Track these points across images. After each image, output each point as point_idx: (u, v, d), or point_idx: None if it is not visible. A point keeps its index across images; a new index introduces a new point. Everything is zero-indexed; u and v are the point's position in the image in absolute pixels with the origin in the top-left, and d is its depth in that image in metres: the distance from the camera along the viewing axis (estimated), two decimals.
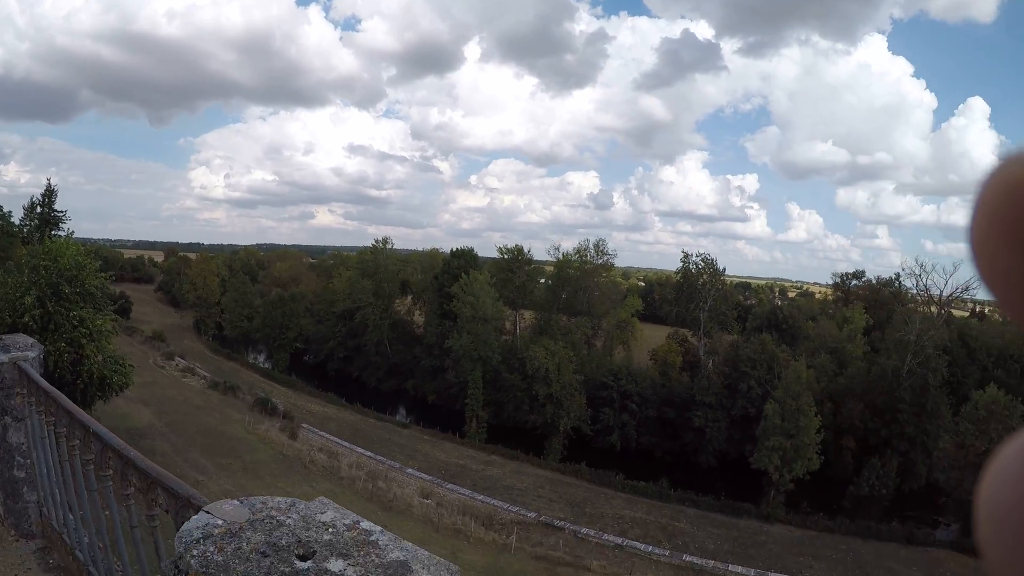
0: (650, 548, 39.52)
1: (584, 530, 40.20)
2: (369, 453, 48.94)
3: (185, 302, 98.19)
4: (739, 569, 38.47)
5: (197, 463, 37.48)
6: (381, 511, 37.09)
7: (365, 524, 2.48)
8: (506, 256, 75.24)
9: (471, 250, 76.39)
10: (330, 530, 2.38)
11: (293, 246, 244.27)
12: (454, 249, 77.63)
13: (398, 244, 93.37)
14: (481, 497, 43.34)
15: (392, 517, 36.63)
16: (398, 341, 78.05)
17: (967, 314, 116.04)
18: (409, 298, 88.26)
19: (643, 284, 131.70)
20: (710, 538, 44.67)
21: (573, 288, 74.79)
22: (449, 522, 37.48)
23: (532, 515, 41.43)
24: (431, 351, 71.81)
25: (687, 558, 38.75)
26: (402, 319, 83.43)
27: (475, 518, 38.80)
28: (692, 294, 72.46)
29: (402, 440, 55.70)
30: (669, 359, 70.37)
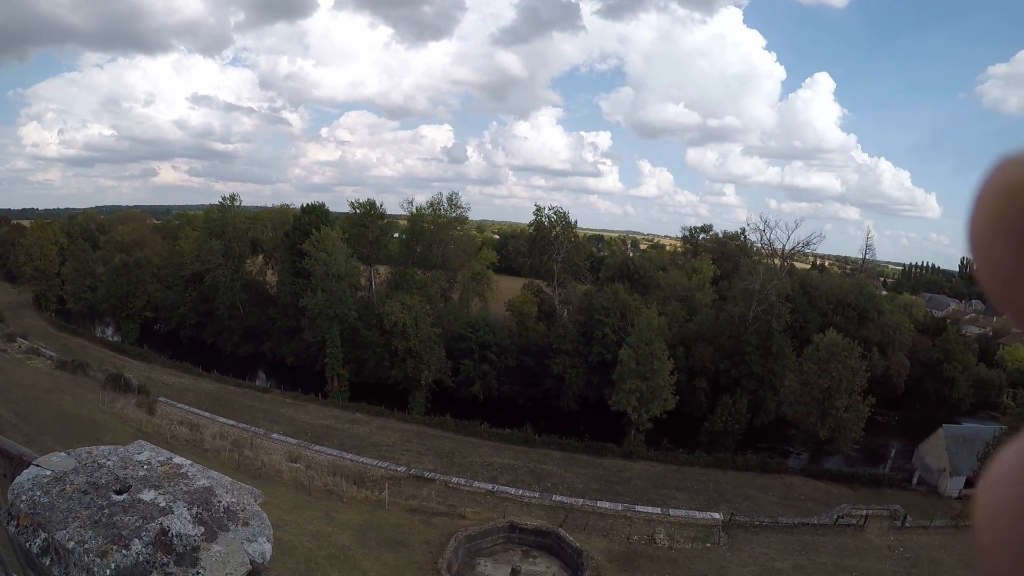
0: (521, 492, 40.45)
1: (455, 479, 40.56)
2: (232, 422, 47.06)
3: (22, 276, 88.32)
4: (607, 505, 39.89)
5: (53, 452, 34.58)
6: (250, 480, 35.62)
7: (177, 460, 2.78)
8: (359, 211, 73.17)
9: (323, 205, 73.51)
10: (145, 467, 2.66)
11: (135, 207, 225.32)
12: (305, 205, 74.65)
13: (247, 201, 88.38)
14: (350, 456, 42.81)
15: (262, 484, 35.15)
16: (251, 303, 75.02)
17: (808, 266, 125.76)
18: (260, 257, 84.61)
19: (497, 237, 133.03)
20: (578, 478, 46.25)
21: (428, 242, 74.20)
22: (320, 484, 36.78)
23: (402, 469, 41.32)
24: (286, 311, 69.67)
25: (557, 498, 39.84)
26: (254, 280, 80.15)
27: (346, 477, 38.24)
28: (545, 246, 73.39)
29: (264, 405, 53.93)
30: (525, 309, 71.58)
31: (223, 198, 78.94)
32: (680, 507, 41.62)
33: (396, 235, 78.64)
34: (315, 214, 70.38)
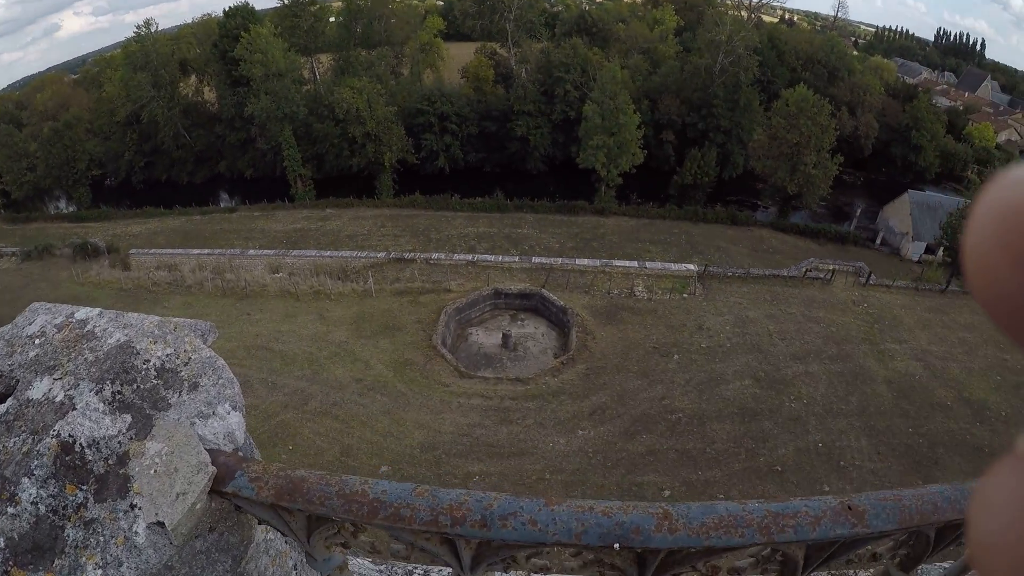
0: (500, 258, 40.96)
1: (435, 255, 40.83)
2: (207, 250, 45.74)
3: None
4: (586, 262, 40.61)
5: None
6: (239, 302, 36.12)
7: (80, 313, 1.83)
8: (286, 1, 67.22)
9: (246, 4, 66.22)
10: (37, 342, 1.74)
11: (49, 70, 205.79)
12: (227, 8, 67.11)
13: (164, 23, 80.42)
14: (328, 253, 42.53)
15: (251, 303, 35.86)
16: (196, 127, 69.88)
17: (776, 20, 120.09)
18: (193, 77, 77.36)
19: (441, 3, 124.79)
20: (553, 238, 47.18)
21: (367, 19, 69.34)
22: (306, 287, 36.86)
23: (382, 255, 41.39)
24: (233, 125, 65.65)
25: (536, 260, 40.46)
26: (193, 102, 73.53)
27: (329, 275, 38.27)
28: (495, 5, 68.81)
29: (234, 226, 52.26)
30: (481, 74, 68.86)
31: (137, 27, 71.37)
32: (655, 260, 42.75)
33: (332, 19, 73.37)
34: (240, 16, 63.84)
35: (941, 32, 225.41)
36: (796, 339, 35.55)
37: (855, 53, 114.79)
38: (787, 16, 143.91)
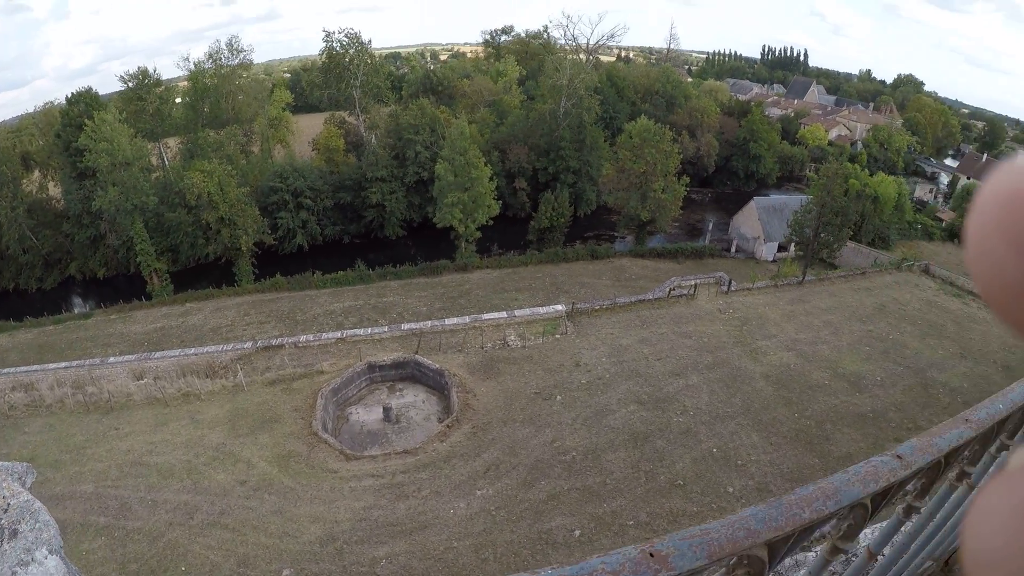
0: (370, 330, 40.46)
1: (303, 338, 39.59)
2: (64, 364, 42.58)
3: None
4: (455, 320, 40.76)
5: None
6: (105, 416, 33.72)
7: None
8: (131, 84, 64.80)
9: (89, 90, 62.46)
10: None
11: None
12: (69, 95, 63.06)
13: (3, 115, 76.40)
14: (193, 350, 40.57)
15: (118, 416, 33.57)
16: (42, 226, 63.85)
17: (613, 59, 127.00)
18: (36, 172, 71.86)
19: (288, 75, 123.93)
20: (420, 301, 47.04)
21: (214, 98, 68.04)
22: (174, 390, 34.89)
23: (248, 345, 39.91)
24: (81, 222, 61.21)
25: (406, 327, 40.13)
26: (38, 199, 67.51)
27: (197, 374, 36.51)
28: (341, 73, 69.72)
29: (91, 332, 48.47)
30: (331, 144, 68.92)
31: None
32: (524, 306, 43.21)
33: (179, 100, 71.14)
34: (83, 102, 59.73)
35: (766, 49, 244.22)
36: (671, 356, 36.70)
37: (690, 80, 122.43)
38: (623, 54, 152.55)
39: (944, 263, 61.49)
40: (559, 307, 41.64)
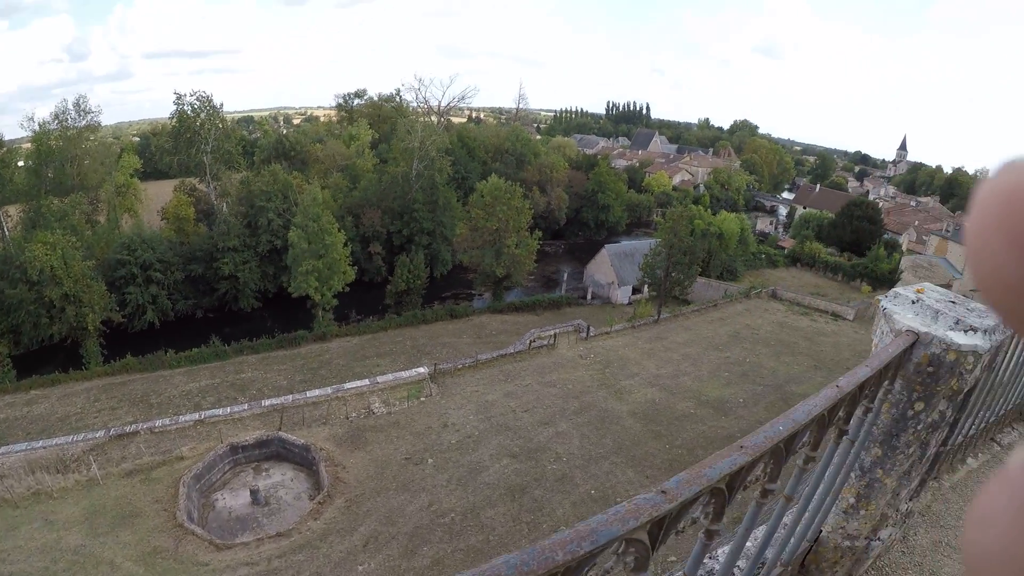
0: (229, 410, 38.89)
1: (159, 422, 37.46)
2: None
3: None
4: (317, 392, 39.90)
5: None
6: None
7: None
8: None
9: None
10: None
11: None
12: None
13: None
14: (41, 443, 37.39)
15: None
16: None
17: (465, 120, 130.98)
18: None
19: (138, 139, 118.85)
20: (280, 375, 45.77)
21: (59, 162, 63.94)
22: (23, 489, 32.00)
23: (101, 434, 37.08)
24: None
25: (267, 403, 39.06)
26: None
27: (47, 470, 33.73)
28: (192, 138, 67.44)
29: None
30: (181, 213, 66.52)
31: None
32: (386, 372, 42.88)
33: (20, 163, 66.27)
34: None
35: (611, 105, 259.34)
36: (538, 406, 37.54)
37: (538, 137, 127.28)
38: (474, 115, 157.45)
39: (789, 286, 67.21)
40: (421, 369, 41.78)
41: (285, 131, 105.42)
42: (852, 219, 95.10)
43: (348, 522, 28.64)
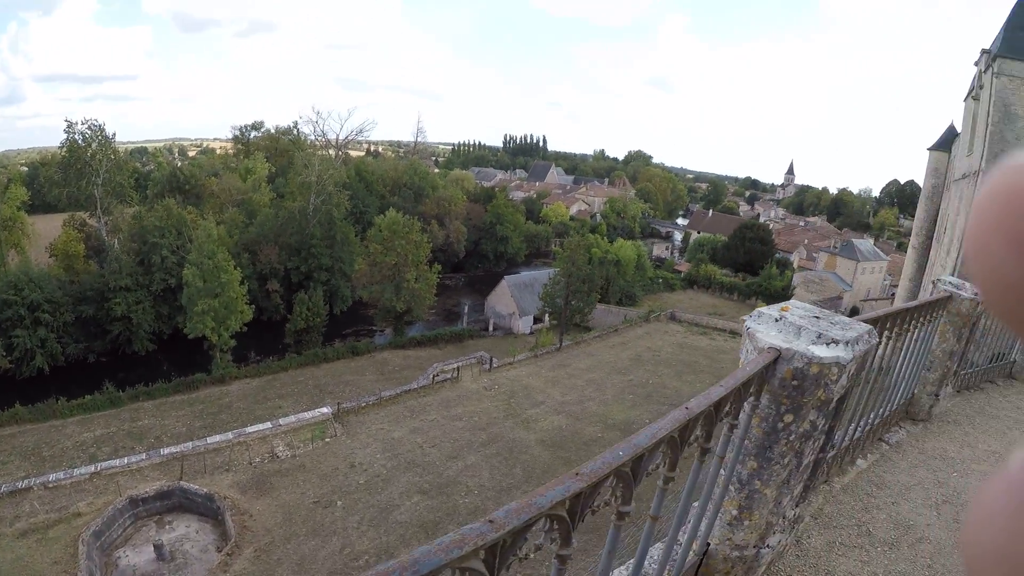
0: (127, 460, 37.61)
1: (52, 476, 36.02)
2: None
3: None
4: (218, 437, 39.32)
5: None
6: None
7: None
8: None
9: None
10: None
11: None
12: None
13: None
14: None
15: None
16: None
17: (363, 153, 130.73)
18: None
19: (26, 169, 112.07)
20: (179, 422, 44.24)
21: None
22: None
23: None
24: None
25: (166, 451, 38.10)
26: None
27: None
28: (82, 169, 64.47)
29: None
30: (70, 250, 63.11)
31: None
32: (288, 414, 42.39)
33: None
34: None
35: (508, 138, 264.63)
36: (446, 441, 37.87)
37: (437, 171, 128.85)
38: (373, 148, 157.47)
39: (687, 308, 70.23)
40: (325, 409, 41.63)
41: (180, 163, 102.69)
42: (745, 241, 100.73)
43: (259, 573, 28.13)
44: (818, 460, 4.22)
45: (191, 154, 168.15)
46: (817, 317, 3.79)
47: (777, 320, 3.62)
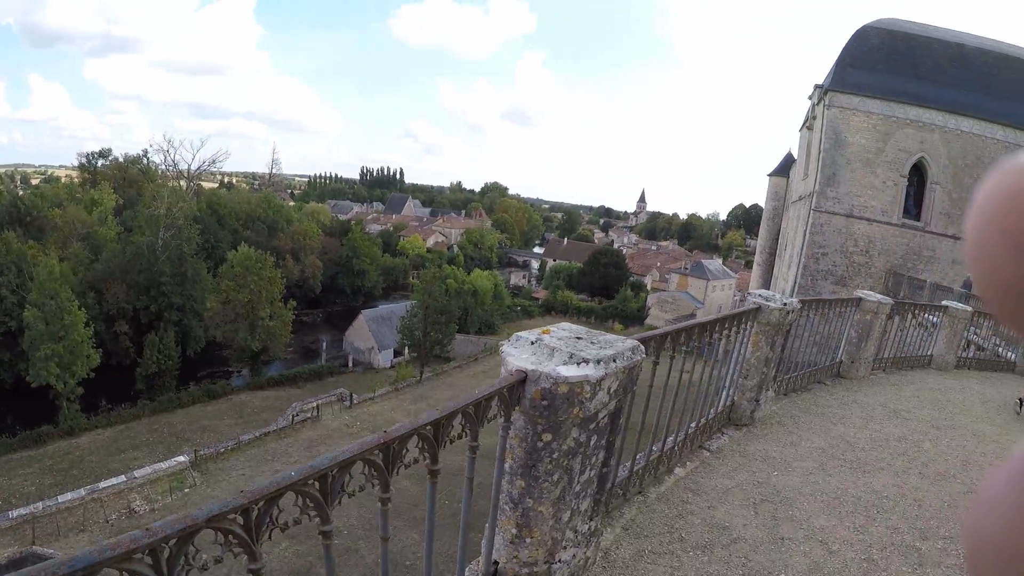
0: None
1: None
2: None
3: None
4: (71, 495, 36.29)
5: None
6: None
7: None
8: None
9: None
10: None
11: None
12: None
13: None
14: None
15: None
16: None
17: (216, 185, 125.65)
18: None
19: None
20: (26, 480, 41.22)
21: None
22: None
23: None
24: None
25: (14, 514, 34.42)
26: None
27: None
28: None
29: None
30: None
31: None
32: (144, 465, 40.09)
33: None
34: None
35: (365, 170, 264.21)
36: None
37: (292, 204, 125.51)
38: (226, 179, 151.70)
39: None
40: (182, 458, 39.97)
41: (21, 192, 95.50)
42: (600, 266, 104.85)
43: None
44: (603, 474, 4.23)
45: (34, 182, 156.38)
46: (579, 338, 3.93)
47: (533, 343, 3.72)
